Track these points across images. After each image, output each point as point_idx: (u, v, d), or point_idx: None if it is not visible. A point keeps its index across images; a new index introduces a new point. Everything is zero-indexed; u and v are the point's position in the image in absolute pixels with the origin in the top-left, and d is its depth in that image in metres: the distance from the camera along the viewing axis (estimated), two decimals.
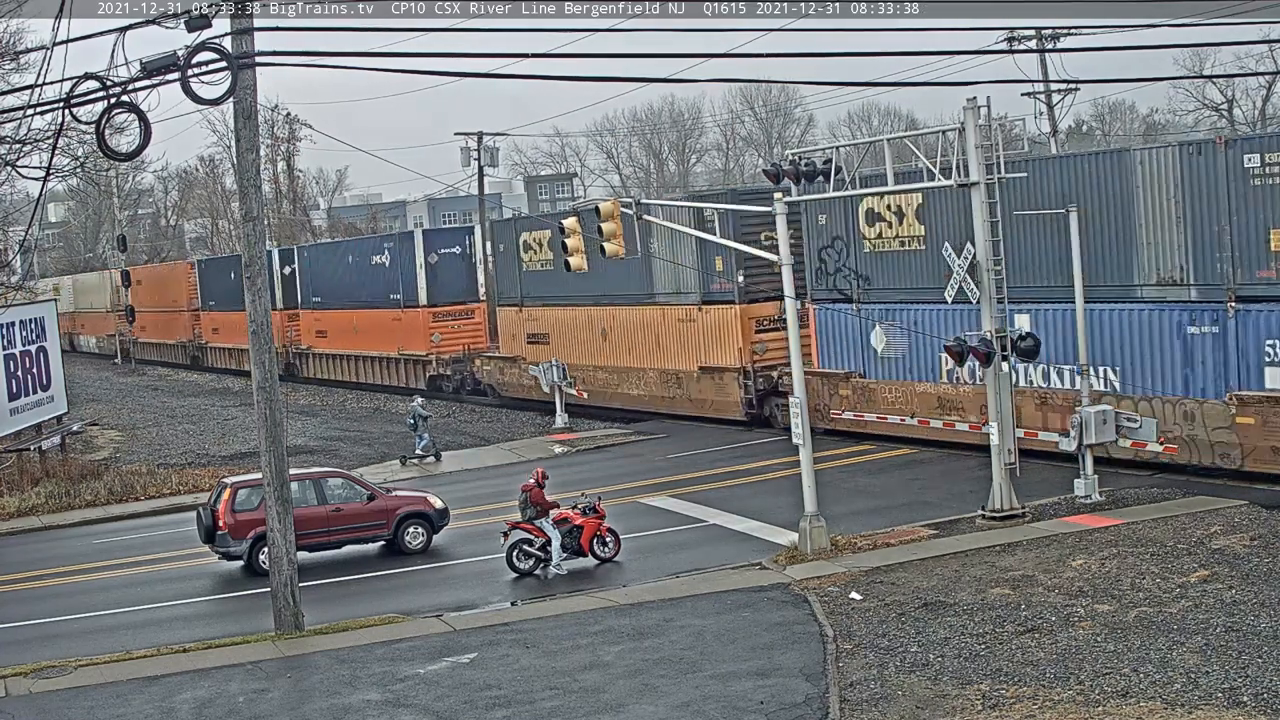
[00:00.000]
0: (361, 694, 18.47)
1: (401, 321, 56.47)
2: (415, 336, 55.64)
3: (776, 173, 27.02)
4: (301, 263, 66.10)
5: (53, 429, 43.29)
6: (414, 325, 55.56)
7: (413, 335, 55.84)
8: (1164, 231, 27.67)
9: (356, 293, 60.15)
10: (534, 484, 25.15)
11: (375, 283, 58.31)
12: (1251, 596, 19.14)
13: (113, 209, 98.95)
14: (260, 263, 22.25)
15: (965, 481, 29.24)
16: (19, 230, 54.05)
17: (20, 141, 32.01)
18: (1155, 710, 15.36)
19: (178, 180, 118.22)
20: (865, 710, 16.26)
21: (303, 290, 65.96)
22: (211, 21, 18.94)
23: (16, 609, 25.89)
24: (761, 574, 23.43)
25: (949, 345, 26.06)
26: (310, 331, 65.75)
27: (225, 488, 27.36)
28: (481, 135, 70.18)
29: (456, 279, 55.47)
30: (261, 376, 22.09)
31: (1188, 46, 62.83)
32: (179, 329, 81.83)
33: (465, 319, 55.47)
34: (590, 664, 18.89)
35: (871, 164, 36.80)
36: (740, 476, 32.95)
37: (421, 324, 55.09)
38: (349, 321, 61.07)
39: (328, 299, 63.41)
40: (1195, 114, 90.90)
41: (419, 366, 55.65)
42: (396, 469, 38.64)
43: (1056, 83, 54.99)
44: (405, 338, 56.32)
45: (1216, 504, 24.89)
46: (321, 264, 64.71)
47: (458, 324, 55.25)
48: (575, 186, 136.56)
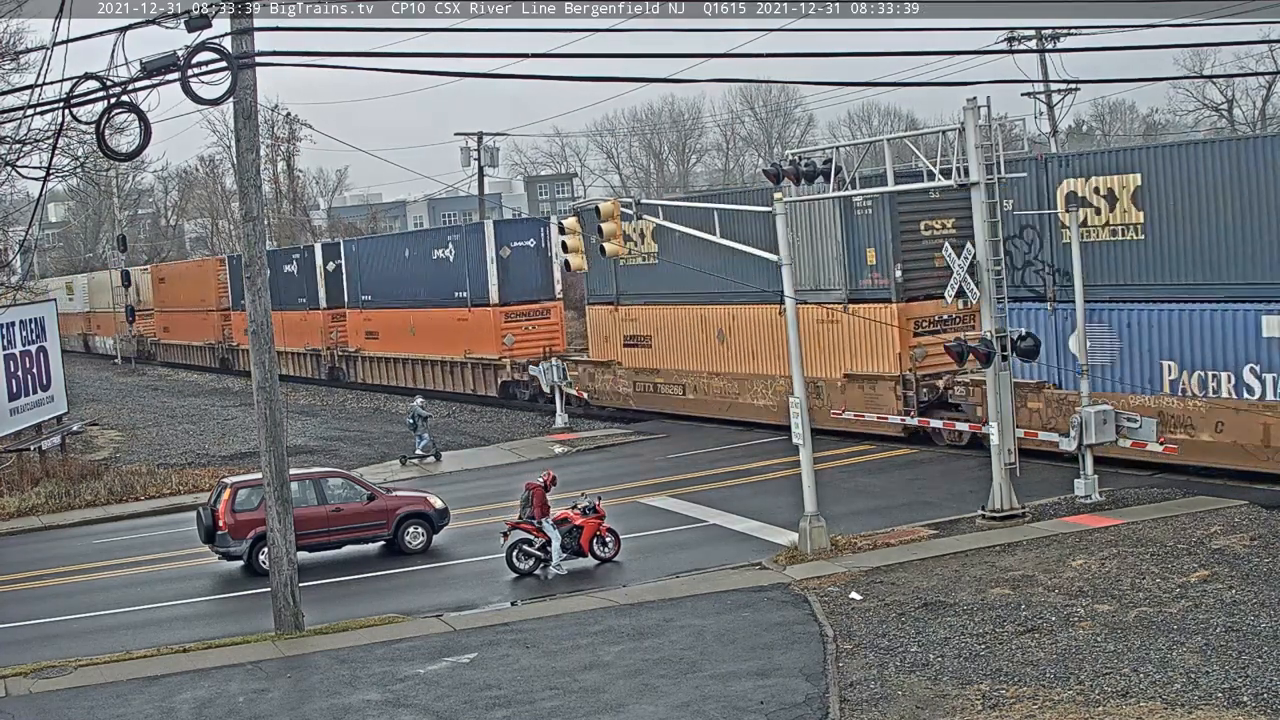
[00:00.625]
0: (361, 694, 18.47)
1: (468, 322, 51.69)
2: (484, 338, 50.82)
3: (776, 173, 27.02)
4: (349, 258, 61.25)
5: (53, 429, 43.29)
6: (483, 326, 50.80)
7: (481, 336, 51.01)
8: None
9: (414, 290, 55.17)
10: (540, 485, 25.15)
11: (437, 279, 53.56)
12: (1251, 596, 19.14)
13: (113, 209, 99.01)
14: (260, 262, 22.27)
15: (965, 481, 29.24)
16: (19, 230, 54.02)
17: (20, 141, 31.98)
18: (1155, 710, 15.37)
19: (178, 180, 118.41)
20: (865, 710, 16.26)
21: (350, 288, 61.00)
22: (211, 21, 18.94)
23: (16, 609, 25.90)
24: (761, 574, 23.43)
25: (949, 346, 26.05)
26: (358, 333, 60.86)
27: (225, 488, 27.36)
28: (481, 135, 70.27)
29: (531, 275, 50.26)
30: (261, 376, 22.10)
31: (1188, 46, 62.83)
32: (207, 330, 76.40)
33: (541, 319, 50.50)
34: (590, 664, 18.90)
35: (871, 164, 36.77)
36: (740, 476, 32.94)
37: (492, 324, 50.22)
38: (404, 321, 56.29)
39: (380, 297, 58.45)
40: (1195, 114, 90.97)
41: (489, 371, 50.67)
42: (396, 469, 38.64)
43: (1056, 83, 55.09)
44: (473, 339, 51.38)
45: (1216, 504, 24.89)
46: (373, 259, 59.92)
47: (533, 324, 50.31)
48: (575, 186, 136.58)
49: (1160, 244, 28.14)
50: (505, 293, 50.24)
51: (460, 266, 51.93)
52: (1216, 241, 26.94)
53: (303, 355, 65.48)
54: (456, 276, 52.17)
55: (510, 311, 50.23)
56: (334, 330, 62.73)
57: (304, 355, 65.60)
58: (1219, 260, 26.93)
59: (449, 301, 52.86)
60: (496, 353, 50.05)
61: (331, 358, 63.06)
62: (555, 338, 50.53)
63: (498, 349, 50.00)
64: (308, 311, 64.16)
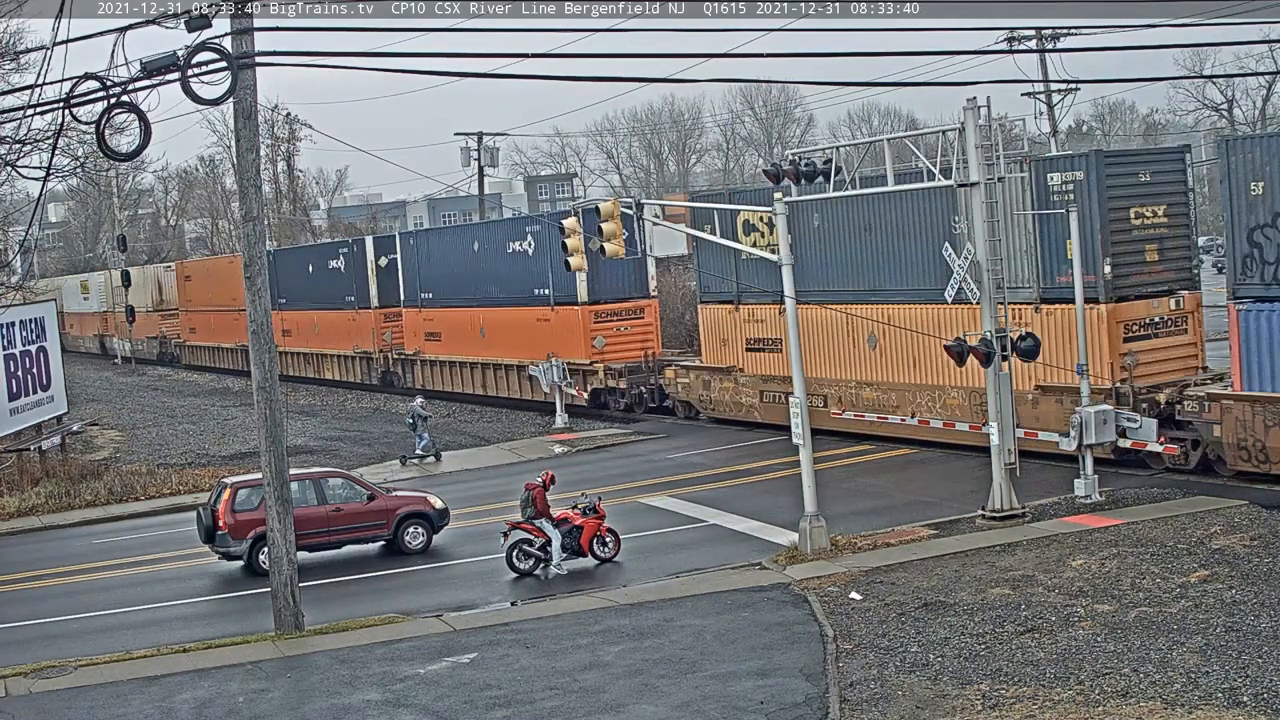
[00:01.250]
0: (361, 694, 18.47)
1: (551, 322, 46.61)
2: (571, 340, 45.59)
3: (776, 173, 27.01)
4: (406, 252, 56.23)
5: (53, 429, 43.28)
6: (569, 326, 45.74)
7: (568, 339, 45.77)
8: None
9: (485, 287, 49.85)
10: (539, 484, 25.15)
11: (513, 275, 48.24)
12: (1251, 596, 19.14)
13: (113, 209, 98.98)
14: (260, 262, 22.29)
15: (965, 481, 29.23)
16: (19, 230, 53.98)
17: (20, 141, 31.99)
18: (1155, 710, 15.36)
19: (178, 180, 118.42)
20: (865, 710, 16.26)
21: (406, 285, 55.89)
22: (211, 21, 18.94)
23: (16, 609, 25.90)
24: (761, 574, 23.43)
25: (949, 346, 26.04)
26: (417, 334, 55.68)
27: (225, 488, 27.37)
28: (481, 135, 70.27)
29: (622, 270, 43.82)
30: (261, 376, 22.11)
31: (1188, 46, 63.01)
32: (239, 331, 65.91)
33: (635, 319, 45.34)
34: (590, 664, 18.90)
35: (871, 164, 36.69)
36: (740, 476, 32.94)
37: (579, 325, 45.13)
38: (472, 321, 51.36)
39: (443, 294, 53.42)
40: (1195, 114, 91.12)
41: (576, 377, 45.31)
42: (396, 469, 38.64)
43: (1056, 83, 55.09)
44: (558, 342, 46.04)
45: (1216, 504, 24.89)
46: (435, 253, 54.66)
47: (626, 325, 45.19)
48: (575, 186, 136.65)
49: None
50: (594, 289, 44.85)
51: (541, 261, 46.42)
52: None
53: (350, 359, 60.92)
54: (537, 272, 46.52)
55: (600, 310, 45.11)
56: (387, 331, 58.02)
57: (352, 359, 60.84)
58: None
59: (528, 299, 47.79)
60: (586, 356, 45.03)
61: (385, 361, 58.22)
62: (650, 340, 45.59)
63: (587, 352, 44.97)
64: (356, 311, 59.62)
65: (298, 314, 64.81)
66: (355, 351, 60.45)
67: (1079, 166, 29.37)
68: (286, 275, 65.30)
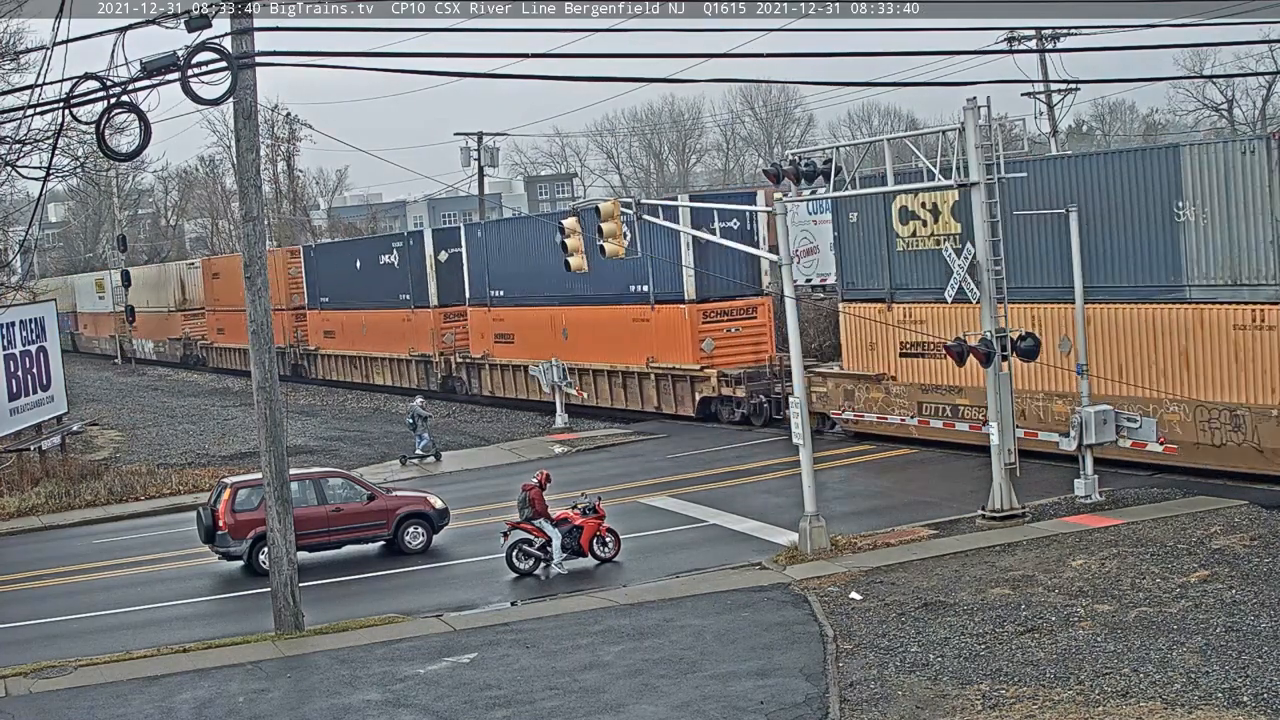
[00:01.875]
0: (361, 694, 18.47)
1: (650, 322, 42.11)
2: (675, 342, 41.16)
3: (776, 173, 27.01)
4: (472, 245, 51.73)
5: (53, 429, 43.30)
6: (672, 327, 41.38)
7: (670, 341, 41.34)
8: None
9: (568, 283, 43.38)
10: (536, 485, 25.15)
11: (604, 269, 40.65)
12: (1251, 596, 19.14)
13: (113, 209, 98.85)
14: (260, 262, 22.26)
15: (965, 481, 29.23)
16: (19, 230, 53.97)
17: (20, 141, 31.99)
18: (1155, 710, 15.36)
19: (178, 180, 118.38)
20: (865, 710, 16.26)
21: (473, 281, 51.50)
22: (211, 21, 18.94)
23: (16, 609, 25.90)
24: (761, 574, 23.43)
25: (949, 346, 26.05)
26: (485, 335, 50.96)
27: (225, 488, 27.37)
28: (481, 135, 70.24)
29: (732, 264, 39.53)
30: (261, 376, 22.11)
31: (1188, 46, 62.99)
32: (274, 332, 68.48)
33: (747, 318, 40.57)
34: (590, 664, 18.89)
35: (871, 164, 36.63)
36: (740, 476, 32.94)
37: (684, 325, 40.84)
38: (552, 321, 46.87)
39: (516, 292, 48.93)
40: (1195, 114, 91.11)
41: (682, 384, 41.22)
42: (396, 469, 38.64)
43: (1056, 83, 55.06)
44: (659, 344, 41.64)
45: (1216, 504, 24.88)
46: (506, 246, 49.78)
47: (737, 326, 40.40)
48: (575, 186, 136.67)
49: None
50: (701, 286, 40.49)
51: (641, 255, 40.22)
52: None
53: (405, 362, 55.99)
54: (632, 266, 40.69)
55: (709, 309, 40.55)
56: (448, 332, 53.81)
57: (407, 362, 56.21)
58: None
59: (621, 297, 43.16)
60: (694, 360, 40.43)
61: (447, 365, 53.80)
62: (764, 342, 40.73)
63: (695, 356, 40.44)
64: (412, 310, 55.14)
65: (343, 315, 60.34)
66: (411, 355, 55.58)
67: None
68: (329, 272, 62.07)
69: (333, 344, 62.45)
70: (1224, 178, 26.16)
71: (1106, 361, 28.48)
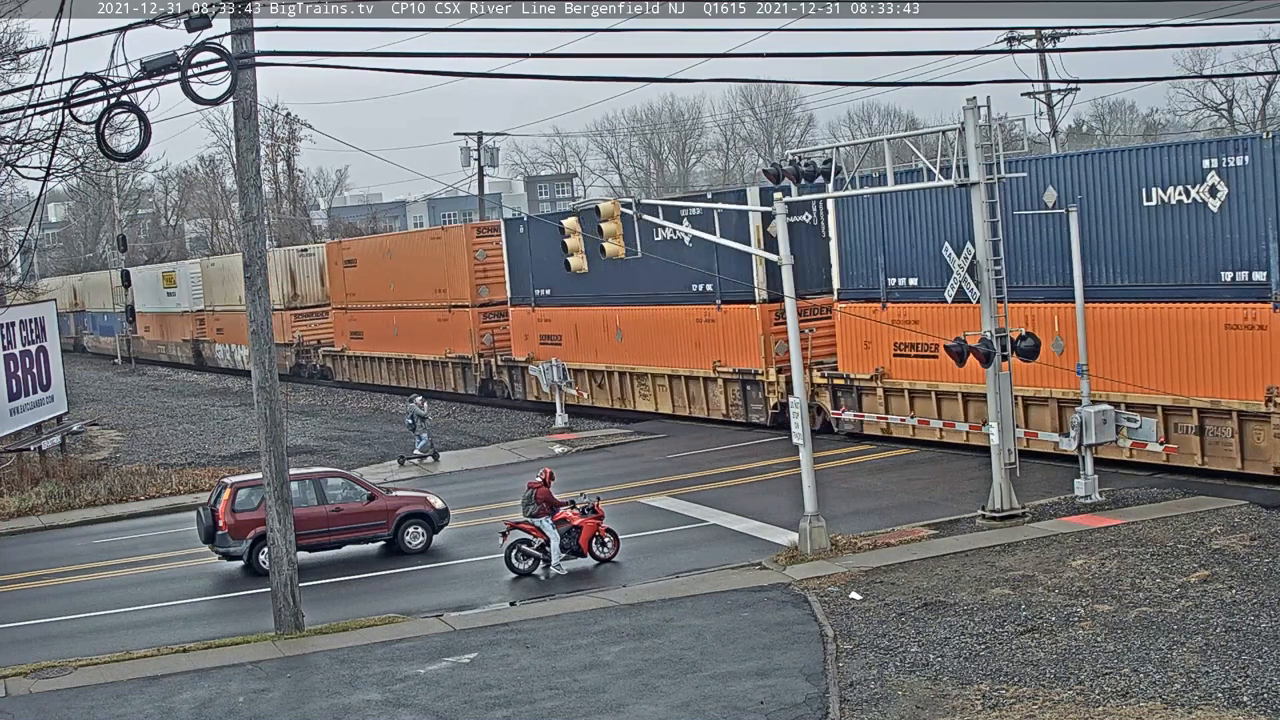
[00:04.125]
0: (361, 694, 18.47)
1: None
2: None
3: (776, 173, 27.02)
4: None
5: (53, 429, 43.29)
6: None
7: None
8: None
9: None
10: (541, 482, 25.16)
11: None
12: (1251, 596, 19.14)
13: (113, 209, 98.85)
14: (260, 262, 22.23)
15: (965, 481, 29.23)
16: (19, 230, 54.00)
17: (20, 141, 32.05)
18: (1155, 710, 15.37)
19: (178, 180, 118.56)
20: (865, 710, 16.26)
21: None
22: (211, 21, 18.95)
23: (16, 609, 25.90)
24: (761, 574, 23.43)
25: (949, 346, 26.05)
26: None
27: (225, 488, 27.37)
28: (481, 135, 70.31)
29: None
30: (261, 376, 22.10)
31: (1188, 46, 62.97)
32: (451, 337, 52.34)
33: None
34: (590, 664, 18.90)
35: (871, 164, 36.61)
36: (740, 476, 32.93)
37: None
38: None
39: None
40: (1195, 114, 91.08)
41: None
42: (396, 469, 38.65)
43: (1056, 83, 55.09)
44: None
45: (1216, 504, 24.88)
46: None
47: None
48: (575, 186, 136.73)
49: None
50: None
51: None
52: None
53: (709, 382, 40.59)
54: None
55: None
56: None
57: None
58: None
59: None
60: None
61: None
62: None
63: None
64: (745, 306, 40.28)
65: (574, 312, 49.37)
66: (731, 373, 41.82)
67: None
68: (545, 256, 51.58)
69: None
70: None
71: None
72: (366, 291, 58.47)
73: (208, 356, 74.70)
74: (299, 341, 65.17)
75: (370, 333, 58.50)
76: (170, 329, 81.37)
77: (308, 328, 64.70)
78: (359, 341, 59.61)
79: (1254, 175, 25.60)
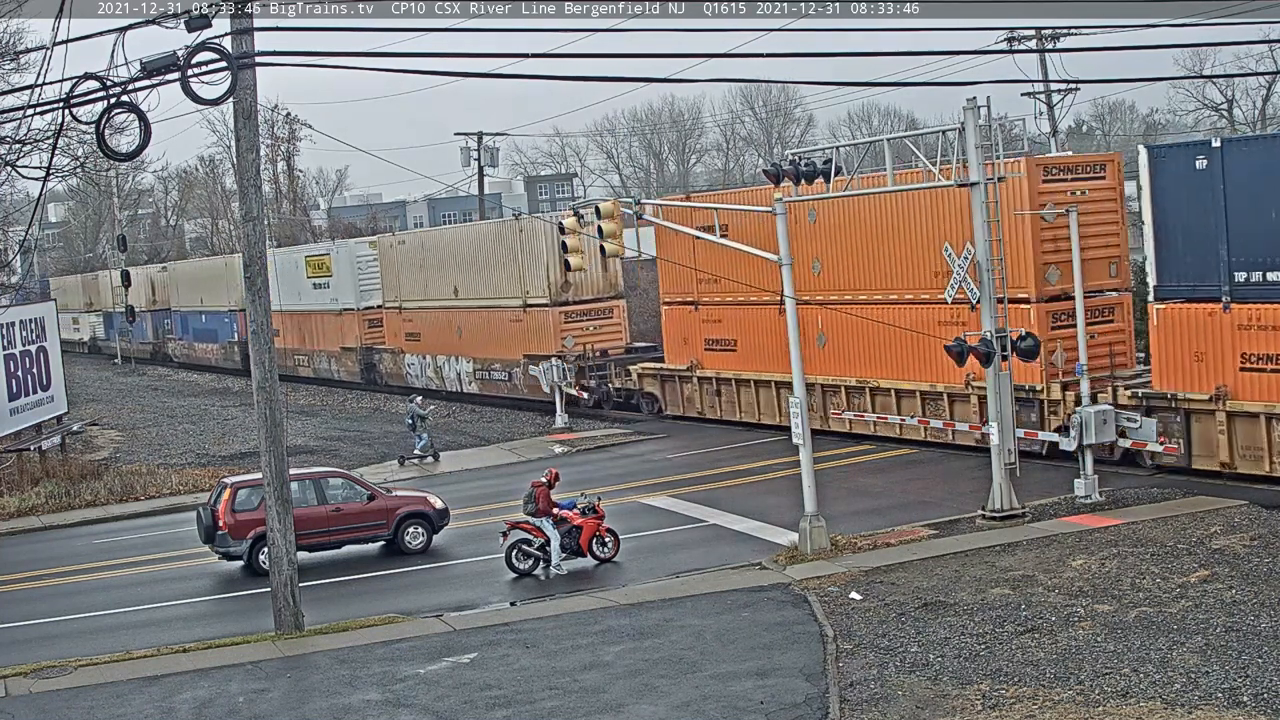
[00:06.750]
0: (361, 694, 18.47)
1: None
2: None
3: (776, 173, 27.00)
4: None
5: (53, 429, 43.28)
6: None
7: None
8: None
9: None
10: (544, 483, 25.16)
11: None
12: (1251, 596, 19.14)
13: (113, 209, 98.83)
14: (260, 262, 22.21)
15: (965, 481, 29.23)
16: (19, 230, 53.96)
17: (20, 141, 32.01)
18: (1155, 710, 15.37)
19: (178, 180, 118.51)
20: (865, 710, 16.26)
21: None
22: (211, 21, 18.94)
23: (16, 609, 25.90)
24: (761, 574, 23.43)
25: (948, 346, 26.04)
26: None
27: (225, 488, 27.37)
28: (481, 135, 70.30)
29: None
30: (261, 376, 22.09)
31: (1188, 46, 63.03)
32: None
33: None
34: (590, 664, 18.89)
35: (871, 164, 36.63)
36: (740, 476, 32.93)
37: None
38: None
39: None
40: (1195, 114, 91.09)
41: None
42: (396, 469, 38.63)
43: (1056, 83, 55.03)
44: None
45: (1216, 504, 24.88)
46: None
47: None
48: (575, 186, 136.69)
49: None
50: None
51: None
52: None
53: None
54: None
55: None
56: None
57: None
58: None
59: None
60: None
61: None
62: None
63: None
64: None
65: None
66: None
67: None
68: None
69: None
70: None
71: None
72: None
73: (389, 372, 56.80)
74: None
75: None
76: (316, 334, 62.50)
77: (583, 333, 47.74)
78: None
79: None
